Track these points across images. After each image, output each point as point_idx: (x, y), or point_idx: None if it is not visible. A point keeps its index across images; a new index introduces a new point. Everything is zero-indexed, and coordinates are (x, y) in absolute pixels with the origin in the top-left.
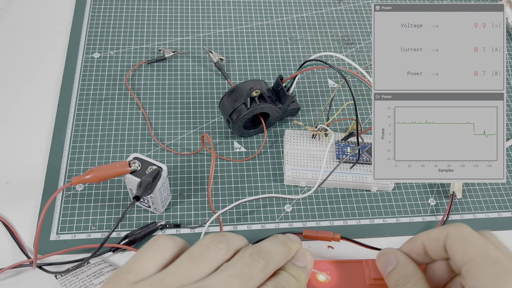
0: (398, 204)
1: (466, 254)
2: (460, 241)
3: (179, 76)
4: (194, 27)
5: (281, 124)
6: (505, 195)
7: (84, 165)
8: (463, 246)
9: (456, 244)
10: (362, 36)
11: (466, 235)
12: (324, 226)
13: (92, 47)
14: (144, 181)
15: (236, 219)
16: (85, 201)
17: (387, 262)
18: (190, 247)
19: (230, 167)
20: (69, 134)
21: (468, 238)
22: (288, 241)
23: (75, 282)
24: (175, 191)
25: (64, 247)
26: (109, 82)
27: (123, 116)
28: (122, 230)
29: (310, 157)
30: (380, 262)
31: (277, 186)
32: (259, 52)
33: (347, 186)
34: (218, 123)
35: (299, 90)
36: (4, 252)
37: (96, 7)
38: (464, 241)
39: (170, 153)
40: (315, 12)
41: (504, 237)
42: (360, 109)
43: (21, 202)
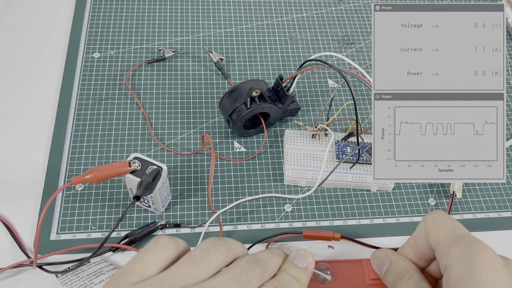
0: (398, 204)
1: (437, 235)
2: (432, 224)
3: (179, 76)
4: (194, 27)
5: (281, 124)
6: (505, 195)
7: (84, 165)
8: (435, 228)
9: (430, 228)
10: (362, 36)
11: (437, 217)
12: (324, 226)
13: (92, 47)
14: (144, 181)
15: (236, 219)
16: (85, 201)
17: (381, 263)
18: (191, 250)
19: (230, 167)
20: (69, 134)
21: (438, 220)
22: (281, 253)
23: (76, 281)
24: (175, 191)
25: (64, 247)
26: (109, 82)
27: (123, 116)
28: (122, 230)
29: (310, 157)
30: (375, 265)
31: (277, 186)
32: (259, 52)
33: (347, 186)
34: (218, 123)
35: (299, 90)
36: (4, 252)
37: (96, 7)
38: (436, 223)
39: (170, 153)
40: (315, 12)
41: (504, 237)
42: (360, 109)
43: (21, 202)
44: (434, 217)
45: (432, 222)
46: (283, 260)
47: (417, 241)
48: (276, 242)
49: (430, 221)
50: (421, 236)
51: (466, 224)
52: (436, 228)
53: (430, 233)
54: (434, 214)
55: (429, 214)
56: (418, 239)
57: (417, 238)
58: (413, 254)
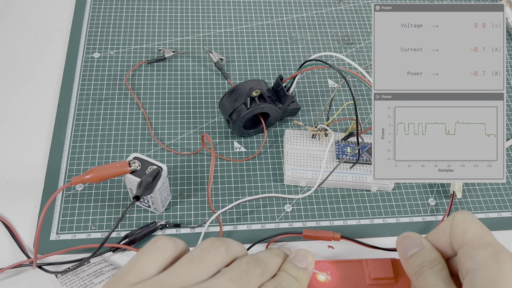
0: (398, 204)
1: (464, 236)
2: (460, 224)
3: (179, 76)
4: (194, 27)
5: (281, 124)
6: (505, 195)
7: (84, 165)
8: (462, 229)
9: (457, 227)
10: (362, 36)
11: (467, 218)
12: (324, 226)
13: (92, 47)
14: (144, 181)
15: (236, 219)
16: (85, 201)
17: (411, 245)
18: (190, 250)
19: (230, 167)
20: (69, 134)
21: (467, 221)
22: (281, 254)
23: (76, 281)
24: (175, 191)
25: (64, 247)
26: (109, 82)
27: (123, 116)
28: (122, 230)
29: (310, 157)
30: (403, 244)
31: (277, 186)
32: (259, 52)
33: (347, 186)
34: (218, 123)
35: (299, 90)
36: (4, 252)
37: (96, 7)
38: (464, 224)
39: (170, 153)
40: (315, 12)
41: (504, 237)
42: (360, 109)
43: (21, 202)
44: (463, 217)
45: (461, 222)
46: (283, 260)
47: (439, 236)
48: (276, 242)
49: (458, 220)
50: (445, 233)
51: None
52: (463, 229)
53: (457, 232)
54: (464, 214)
55: (458, 213)
56: (442, 235)
57: (441, 234)
58: None
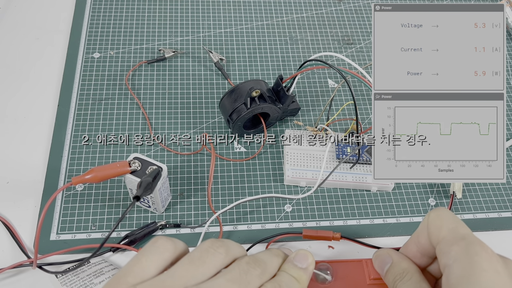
0: (398, 204)
1: (439, 233)
2: (434, 221)
3: (179, 76)
4: (194, 27)
5: (281, 124)
6: (505, 195)
7: (84, 165)
8: (437, 226)
9: (432, 225)
10: (362, 36)
11: (440, 214)
12: (324, 226)
13: (92, 47)
14: (144, 181)
15: (236, 219)
16: (85, 201)
17: (383, 263)
18: (190, 251)
19: (230, 167)
20: (69, 134)
21: (441, 218)
22: (281, 254)
23: (76, 281)
24: (175, 191)
25: (64, 247)
26: (109, 82)
27: (123, 116)
28: (122, 230)
29: (310, 157)
30: (377, 264)
31: (277, 186)
32: (259, 52)
33: (347, 186)
34: (218, 123)
35: (299, 90)
36: (4, 252)
37: (96, 7)
38: (438, 221)
39: (170, 153)
40: (315, 12)
41: (504, 237)
42: (360, 109)
43: (21, 202)
44: (437, 214)
45: (435, 219)
46: (283, 260)
47: (420, 237)
48: (276, 242)
49: (432, 218)
50: (424, 233)
51: (466, 224)
52: (438, 226)
53: (432, 230)
54: (438, 211)
55: (433, 211)
56: (421, 235)
57: (420, 234)
58: (417, 251)
